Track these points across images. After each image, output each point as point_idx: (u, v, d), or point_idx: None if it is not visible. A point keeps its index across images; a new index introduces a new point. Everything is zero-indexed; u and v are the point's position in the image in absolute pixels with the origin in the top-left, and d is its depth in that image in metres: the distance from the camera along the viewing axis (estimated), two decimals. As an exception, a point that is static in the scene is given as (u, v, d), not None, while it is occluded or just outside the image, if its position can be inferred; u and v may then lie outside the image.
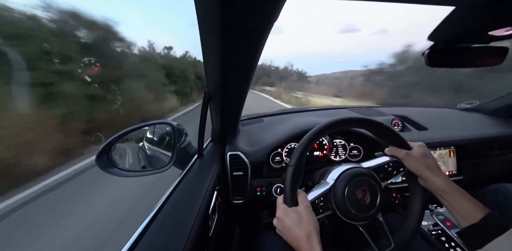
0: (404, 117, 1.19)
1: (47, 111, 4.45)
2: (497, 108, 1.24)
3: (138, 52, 11.67)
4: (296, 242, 0.46)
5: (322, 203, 0.52)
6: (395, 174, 0.57)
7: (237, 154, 0.86)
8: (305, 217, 0.47)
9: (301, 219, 0.46)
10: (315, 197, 0.52)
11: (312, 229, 0.46)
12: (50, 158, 3.65)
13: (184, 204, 0.54)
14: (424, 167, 0.53)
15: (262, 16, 0.30)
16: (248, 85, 0.57)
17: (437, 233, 0.83)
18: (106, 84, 6.44)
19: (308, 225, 0.46)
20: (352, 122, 0.57)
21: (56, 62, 5.14)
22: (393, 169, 0.57)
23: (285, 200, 0.51)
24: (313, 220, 0.47)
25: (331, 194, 0.52)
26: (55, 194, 2.72)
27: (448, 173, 0.96)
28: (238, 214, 1.09)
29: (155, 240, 0.42)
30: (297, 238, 0.45)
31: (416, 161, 0.54)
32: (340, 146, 0.95)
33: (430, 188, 0.53)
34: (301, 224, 0.46)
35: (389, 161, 0.57)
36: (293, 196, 0.50)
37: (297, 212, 0.48)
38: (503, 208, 0.77)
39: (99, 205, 2.31)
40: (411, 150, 0.56)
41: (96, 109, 5.63)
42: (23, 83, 4.52)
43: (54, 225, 2.02)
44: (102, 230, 1.88)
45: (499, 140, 1.02)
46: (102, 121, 5.47)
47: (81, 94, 5.37)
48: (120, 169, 0.68)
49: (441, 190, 0.50)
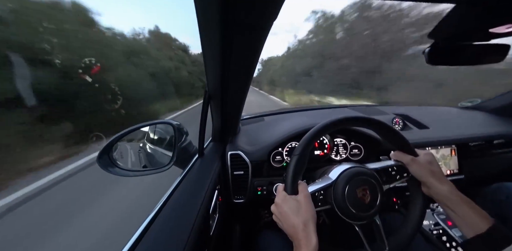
0: (405, 115, 1.18)
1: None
2: (498, 106, 1.23)
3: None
4: (293, 229, 0.45)
5: (321, 197, 0.52)
6: (398, 179, 0.57)
7: (238, 153, 0.86)
8: (304, 205, 0.47)
9: (300, 207, 0.47)
10: (316, 190, 0.52)
11: (310, 218, 0.46)
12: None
13: (185, 203, 0.54)
14: (429, 174, 0.52)
15: (262, 14, 0.30)
16: (249, 84, 0.57)
17: (438, 232, 0.83)
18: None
19: (306, 214, 0.46)
20: (365, 122, 0.57)
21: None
22: (396, 174, 0.57)
23: (285, 188, 0.51)
24: (311, 210, 0.47)
25: (331, 190, 0.52)
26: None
27: (449, 172, 0.96)
28: (239, 213, 1.09)
29: (156, 239, 0.43)
30: (294, 224, 0.45)
31: (422, 168, 0.53)
32: (340, 145, 0.95)
33: (434, 196, 0.52)
34: (299, 212, 0.46)
35: (393, 165, 0.57)
36: (294, 185, 0.50)
37: (296, 200, 0.48)
38: (505, 207, 0.77)
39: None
40: (417, 156, 0.56)
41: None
42: (26, 80, 4.65)
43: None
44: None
45: (501, 138, 1.01)
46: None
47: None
48: (121, 168, 0.68)
49: (446, 198, 0.50)
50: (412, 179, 0.56)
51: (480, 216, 0.46)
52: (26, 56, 4.75)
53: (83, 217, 2.13)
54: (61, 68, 5.52)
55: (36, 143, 4.14)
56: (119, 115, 6.44)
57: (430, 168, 0.53)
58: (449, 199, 0.49)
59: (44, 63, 5.21)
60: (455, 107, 1.43)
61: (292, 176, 0.50)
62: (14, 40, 4.76)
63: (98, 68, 6.34)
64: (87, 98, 5.68)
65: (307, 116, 1.20)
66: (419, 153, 0.57)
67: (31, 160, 3.63)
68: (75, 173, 3.31)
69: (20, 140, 4.02)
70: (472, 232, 0.45)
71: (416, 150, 0.57)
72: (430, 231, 0.83)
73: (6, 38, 4.67)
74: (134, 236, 0.43)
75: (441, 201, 0.51)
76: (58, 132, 4.63)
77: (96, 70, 6.30)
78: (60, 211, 2.32)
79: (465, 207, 0.48)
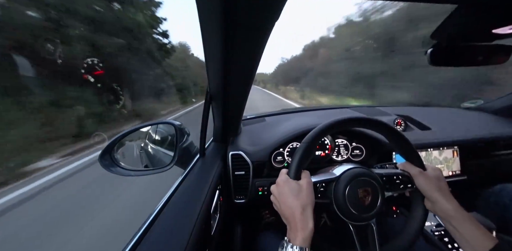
0: (407, 116, 1.18)
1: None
2: (501, 107, 1.22)
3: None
4: (290, 210, 0.45)
5: (322, 189, 0.52)
6: (402, 189, 0.55)
7: (239, 153, 0.86)
8: (305, 190, 0.47)
9: (301, 191, 0.46)
10: (318, 181, 0.52)
11: (309, 203, 0.46)
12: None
13: (186, 203, 0.54)
14: (435, 189, 0.51)
15: (264, 15, 0.30)
16: (250, 85, 0.57)
17: (440, 234, 0.82)
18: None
19: (306, 198, 0.46)
20: (377, 125, 0.57)
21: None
22: (400, 183, 0.55)
23: (289, 172, 0.51)
24: (311, 196, 0.47)
25: (333, 184, 0.52)
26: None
27: (452, 173, 0.95)
28: (240, 213, 1.09)
29: (157, 238, 0.43)
30: (292, 207, 0.45)
31: (429, 182, 0.52)
32: (342, 146, 0.94)
33: (437, 212, 0.51)
34: (300, 195, 0.46)
35: (399, 174, 0.56)
36: (298, 170, 0.50)
37: (298, 184, 0.48)
38: (508, 209, 0.76)
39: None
40: (426, 170, 0.55)
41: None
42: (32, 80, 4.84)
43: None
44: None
45: (503, 139, 1.00)
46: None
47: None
48: (122, 168, 0.68)
49: (450, 216, 0.49)
50: (416, 191, 0.55)
51: (484, 235, 0.45)
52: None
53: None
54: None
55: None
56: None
57: (438, 183, 0.52)
58: (453, 217, 0.48)
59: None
60: (457, 108, 1.42)
61: (298, 161, 0.50)
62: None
63: (101, 72, 6.43)
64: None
65: (308, 116, 1.20)
66: (427, 167, 0.56)
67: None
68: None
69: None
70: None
71: (425, 164, 0.56)
72: (432, 232, 0.82)
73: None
74: (135, 235, 0.43)
75: (444, 218, 0.50)
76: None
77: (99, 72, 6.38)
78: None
79: (470, 225, 0.47)
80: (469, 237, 0.46)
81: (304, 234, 0.42)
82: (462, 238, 0.47)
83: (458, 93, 4.55)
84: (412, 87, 6.94)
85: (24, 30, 4.80)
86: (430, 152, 0.94)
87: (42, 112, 4.67)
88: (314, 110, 1.38)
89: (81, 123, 5.22)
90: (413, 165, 0.55)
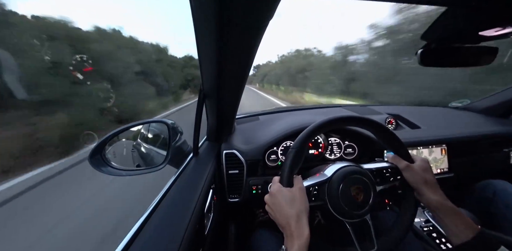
0: (397, 115, 1.21)
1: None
2: (487, 106, 1.27)
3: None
4: (286, 220, 0.46)
5: (315, 192, 0.53)
6: (392, 181, 0.57)
7: (233, 152, 0.86)
8: (298, 197, 0.47)
9: (294, 199, 0.47)
10: (310, 184, 0.53)
11: (304, 210, 0.46)
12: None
13: (179, 202, 0.54)
14: (422, 182, 0.53)
15: (258, 14, 0.30)
16: (244, 83, 0.57)
17: (428, 229, 0.85)
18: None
19: (300, 205, 0.46)
20: (364, 122, 0.58)
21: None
22: (390, 176, 0.57)
23: (281, 180, 0.51)
24: (305, 202, 0.48)
25: (326, 186, 0.53)
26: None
27: (440, 171, 0.98)
28: (234, 212, 1.09)
29: (151, 238, 0.42)
30: (287, 215, 0.45)
31: (415, 175, 0.54)
32: (335, 144, 0.96)
33: (424, 203, 0.53)
34: (294, 203, 0.46)
35: (387, 167, 0.58)
36: (290, 177, 0.50)
37: (291, 192, 0.48)
38: (492, 203, 0.79)
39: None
40: (413, 163, 0.56)
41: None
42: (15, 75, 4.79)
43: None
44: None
45: (489, 138, 1.04)
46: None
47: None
48: (114, 168, 0.67)
49: (436, 207, 0.51)
50: (405, 183, 0.57)
51: (467, 225, 0.47)
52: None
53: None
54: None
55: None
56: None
57: (424, 176, 0.53)
58: (438, 209, 0.50)
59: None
60: (445, 107, 1.46)
61: (288, 168, 0.51)
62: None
63: (90, 69, 6.28)
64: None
65: (301, 115, 1.21)
66: (415, 159, 0.57)
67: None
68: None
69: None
70: (460, 240, 0.47)
71: (413, 156, 0.58)
72: (421, 228, 0.85)
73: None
74: (128, 235, 0.43)
75: (431, 209, 0.52)
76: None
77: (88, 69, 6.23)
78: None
79: (454, 217, 0.49)
80: (454, 227, 0.48)
81: (300, 242, 0.43)
82: (447, 227, 0.50)
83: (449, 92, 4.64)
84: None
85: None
86: (420, 150, 0.97)
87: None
88: (308, 109, 1.39)
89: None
90: (401, 159, 0.57)
